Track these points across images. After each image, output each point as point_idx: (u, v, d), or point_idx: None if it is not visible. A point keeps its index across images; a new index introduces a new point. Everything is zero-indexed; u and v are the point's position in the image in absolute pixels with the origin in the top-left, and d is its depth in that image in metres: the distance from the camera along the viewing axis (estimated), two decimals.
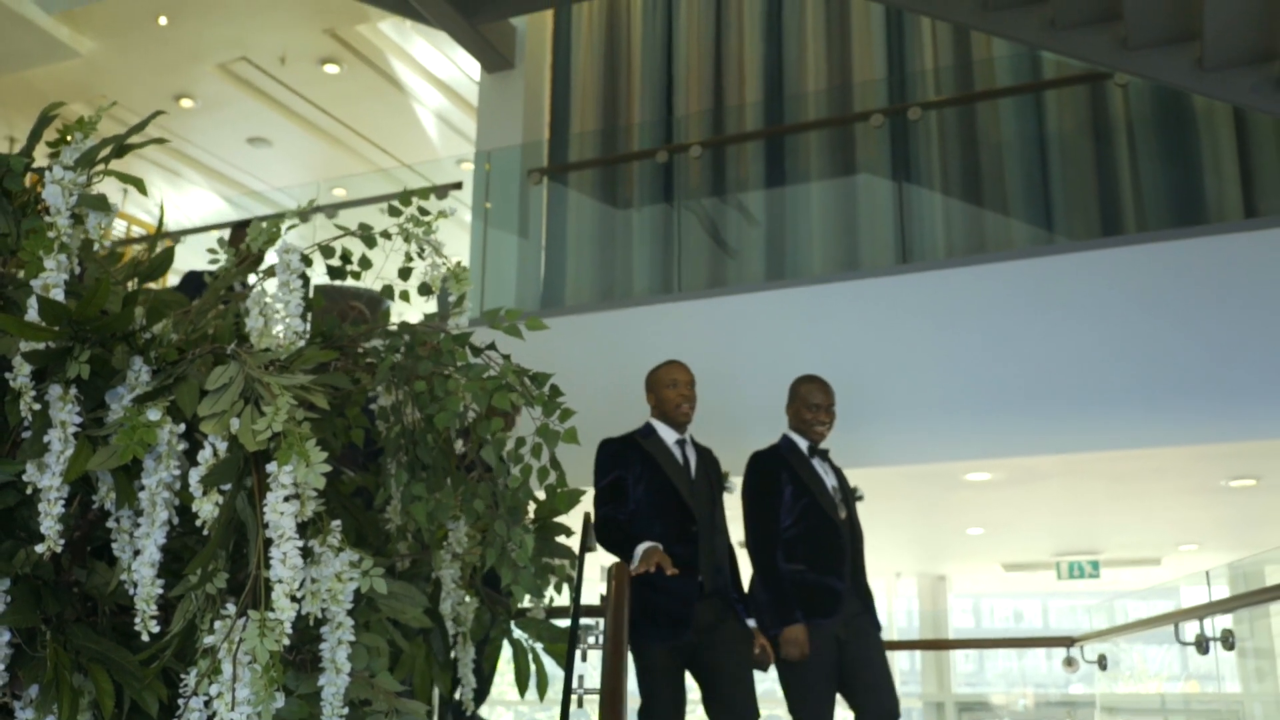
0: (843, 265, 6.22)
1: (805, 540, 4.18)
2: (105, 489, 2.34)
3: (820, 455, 4.36)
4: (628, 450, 4.13)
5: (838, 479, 4.38)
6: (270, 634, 2.07)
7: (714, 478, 4.23)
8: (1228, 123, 5.75)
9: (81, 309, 2.24)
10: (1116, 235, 5.86)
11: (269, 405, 2.18)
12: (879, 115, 6.17)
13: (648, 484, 4.05)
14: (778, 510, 4.23)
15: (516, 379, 2.74)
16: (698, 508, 4.07)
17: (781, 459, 4.32)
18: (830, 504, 4.23)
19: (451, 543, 3.02)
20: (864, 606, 4.23)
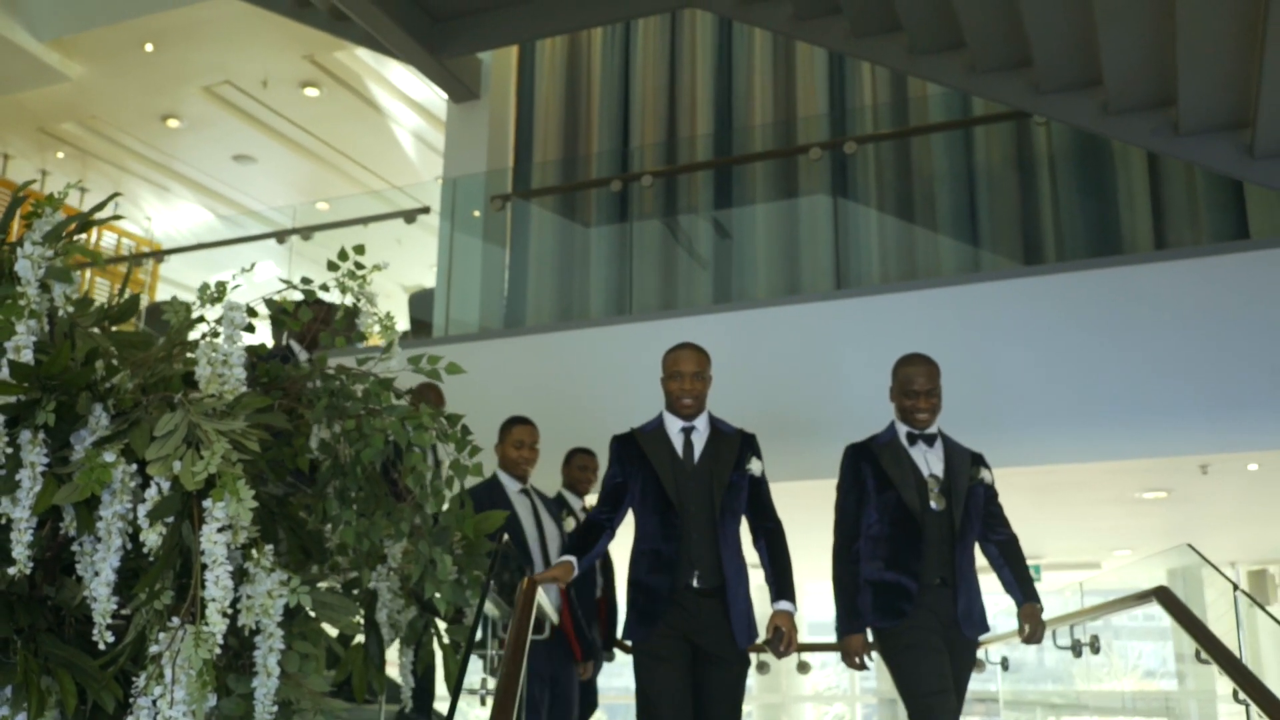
0: (785, 290, 6.61)
1: (886, 537, 3.92)
2: (69, 518, 2.72)
3: (926, 441, 4.05)
4: (626, 447, 4.00)
5: (949, 466, 4.02)
6: (204, 644, 2.45)
7: (725, 464, 3.92)
8: (1141, 160, 6.13)
9: (48, 367, 2.62)
10: (1038, 264, 6.24)
11: (207, 449, 2.56)
12: (817, 149, 6.56)
13: (641, 480, 3.93)
14: (852, 506, 4.01)
15: (432, 420, 3.13)
16: (689, 501, 3.86)
17: (867, 450, 4.06)
18: (915, 497, 3.92)
19: (389, 558, 3.40)
20: (960, 612, 3.90)
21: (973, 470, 4.06)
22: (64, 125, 10.52)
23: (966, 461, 4.07)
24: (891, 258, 6.50)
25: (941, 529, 3.94)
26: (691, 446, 3.95)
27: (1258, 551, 9.02)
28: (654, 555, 3.84)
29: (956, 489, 3.98)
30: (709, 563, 3.82)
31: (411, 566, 3.40)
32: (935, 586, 3.89)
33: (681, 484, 3.89)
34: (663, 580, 3.80)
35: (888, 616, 3.86)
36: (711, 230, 6.94)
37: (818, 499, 4.94)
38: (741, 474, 3.93)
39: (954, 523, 3.93)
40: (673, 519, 3.85)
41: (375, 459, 3.13)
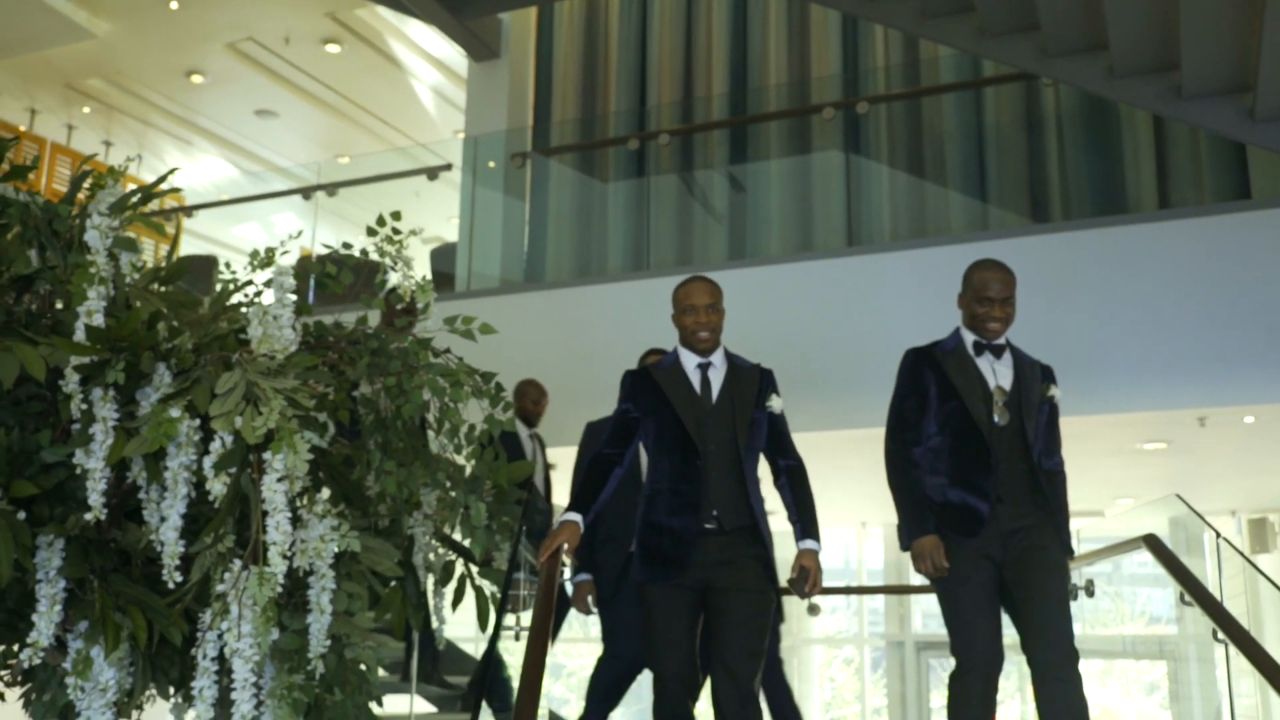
0: (798, 246, 6.80)
1: (949, 450, 3.69)
2: (137, 469, 2.96)
3: (993, 351, 3.77)
4: (640, 382, 3.81)
5: (1018, 378, 3.75)
6: (267, 583, 2.70)
7: (745, 401, 3.75)
8: (1146, 121, 6.28)
9: (118, 330, 2.85)
10: (1045, 222, 6.42)
11: (265, 406, 2.79)
12: (830, 109, 6.72)
13: (657, 418, 3.74)
14: (911, 411, 3.77)
15: (467, 377, 3.36)
16: (709, 440, 3.68)
17: (931, 356, 3.81)
18: (982, 409, 3.67)
19: (424, 506, 3.64)
20: (1034, 523, 3.64)
21: (1043, 386, 3.78)
22: (90, 81, 10.70)
23: (1037, 375, 3.79)
24: (902, 215, 6.68)
25: (1008, 444, 3.66)
26: (709, 383, 3.76)
27: (1257, 500, 9.25)
28: (673, 494, 3.66)
29: (1027, 402, 3.70)
30: (733, 502, 3.64)
31: (446, 513, 3.65)
32: (995, 504, 3.62)
33: (702, 422, 3.70)
34: (688, 521, 3.62)
35: (951, 532, 3.63)
36: (727, 186, 7.12)
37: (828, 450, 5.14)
38: (762, 410, 3.75)
39: (1025, 437, 3.66)
40: (693, 458, 3.66)
41: (414, 414, 3.37)
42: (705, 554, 3.61)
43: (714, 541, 3.63)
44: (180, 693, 3.31)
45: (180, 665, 3.20)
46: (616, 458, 3.76)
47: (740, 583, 3.60)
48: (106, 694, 2.98)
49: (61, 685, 3.19)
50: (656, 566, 3.63)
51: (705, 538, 3.63)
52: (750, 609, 3.58)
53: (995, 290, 3.73)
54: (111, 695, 2.99)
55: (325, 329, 3.54)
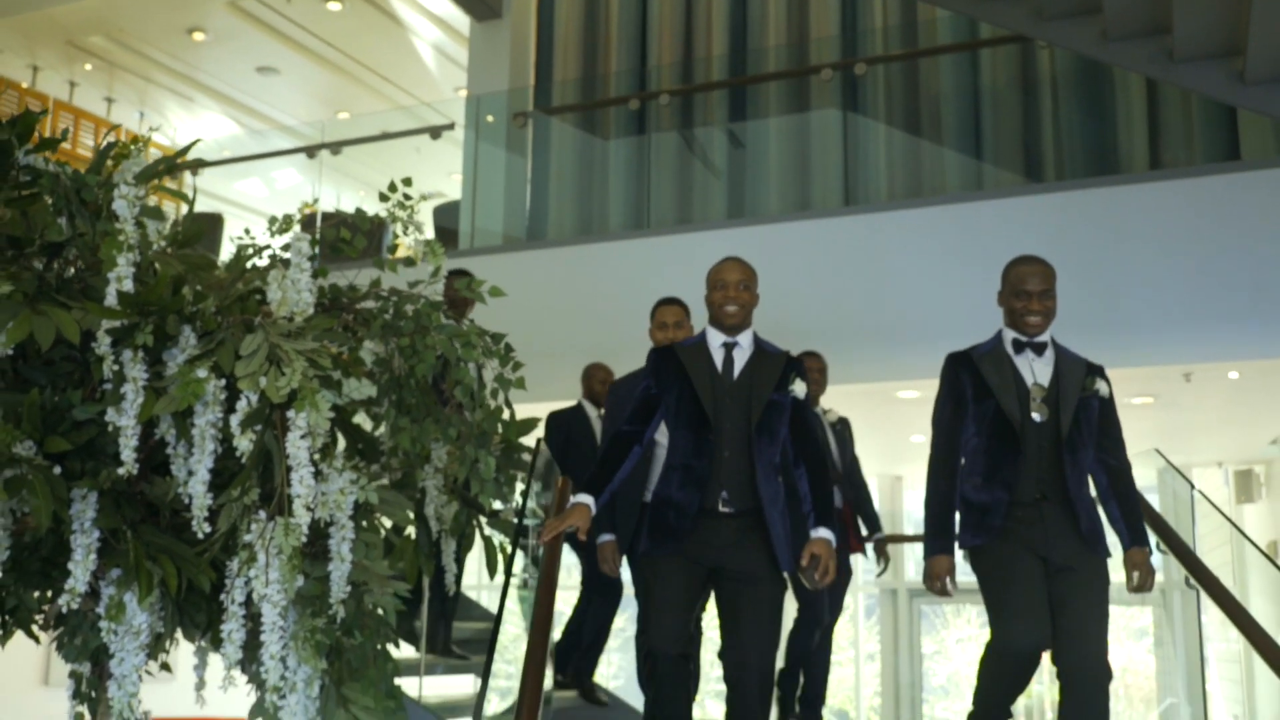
0: (796, 205, 6.93)
1: (985, 450, 3.67)
2: (165, 426, 3.11)
3: (1035, 349, 3.72)
4: (664, 359, 3.80)
5: (1058, 374, 3.70)
6: (292, 533, 2.87)
7: (766, 383, 3.70)
8: (1139, 83, 6.38)
9: (146, 294, 3.00)
10: (1039, 182, 6.55)
11: (288, 366, 2.95)
12: (829, 70, 6.82)
13: (677, 393, 3.70)
14: (948, 418, 3.76)
15: (478, 338, 3.51)
16: (724, 418, 3.65)
17: (967, 359, 3.78)
18: (1015, 406, 3.63)
19: (434, 460, 3.80)
20: (1077, 529, 3.60)
21: (1087, 380, 3.71)
22: (92, 38, 10.76)
23: (1080, 371, 3.73)
24: (899, 175, 6.80)
25: (1044, 441, 3.62)
26: (732, 362, 3.73)
27: (1243, 453, 9.45)
28: (685, 470, 3.63)
29: (1065, 399, 3.64)
30: (741, 483, 3.60)
31: (457, 467, 3.81)
32: (1035, 502, 3.60)
33: (718, 398, 3.67)
34: (692, 497, 3.60)
35: (979, 534, 3.62)
36: (726, 143, 7.24)
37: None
38: (784, 394, 3.70)
39: (1060, 434, 3.61)
40: (707, 435, 3.63)
41: (427, 373, 3.52)
42: (717, 535, 3.58)
43: (726, 524, 3.59)
44: (206, 636, 3.49)
45: (207, 611, 3.38)
46: (636, 435, 3.72)
47: (751, 571, 3.56)
48: (139, 637, 3.16)
49: (93, 629, 3.38)
50: (659, 537, 3.61)
51: (717, 519, 3.59)
52: (759, 598, 3.54)
53: (1034, 284, 3.69)
54: (144, 638, 3.17)
55: (340, 291, 3.69)
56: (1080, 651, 3.47)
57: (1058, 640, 3.52)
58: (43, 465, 3.00)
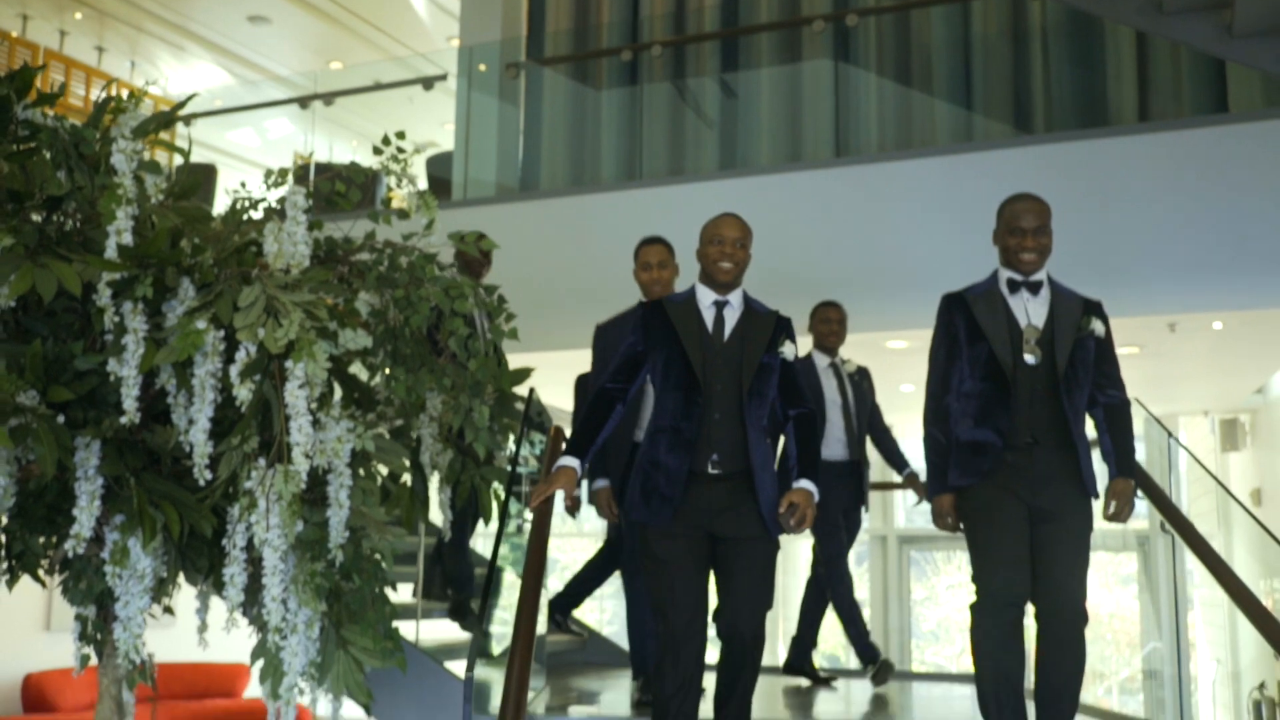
0: (787, 156, 6.97)
1: (977, 393, 3.65)
2: (166, 376, 3.19)
3: (1030, 289, 3.70)
4: (652, 316, 3.68)
5: (1053, 315, 3.67)
6: (291, 480, 2.95)
7: (757, 344, 3.62)
8: (1129, 34, 6.39)
9: (145, 248, 3.06)
10: (1028, 134, 6.58)
11: (285, 318, 3.02)
12: (820, 21, 6.84)
13: (666, 353, 3.61)
14: (942, 360, 3.75)
15: (471, 289, 3.58)
16: (716, 379, 3.57)
17: (961, 301, 3.75)
18: (1007, 349, 3.61)
19: (429, 409, 3.88)
20: (1070, 471, 3.60)
21: (1083, 320, 3.68)
22: None
23: (1076, 310, 3.70)
24: (889, 125, 6.83)
25: (1038, 384, 3.60)
26: (723, 321, 3.65)
27: (1228, 401, 9.57)
28: (673, 433, 3.55)
29: (1060, 339, 3.61)
30: (732, 446, 3.54)
31: (451, 416, 3.90)
32: (1027, 446, 3.58)
33: (709, 360, 3.59)
34: (681, 460, 3.52)
35: (968, 474, 3.63)
36: (718, 93, 7.26)
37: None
38: (774, 356, 3.63)
39: (1056, 376, 3.58)
40: (696, 397, 3.55)
41: (421, 324, 3.60)
42: (709, 500, 3.52)
43: (717, 487, 3.53)
44: (208, 580, 3.59)
45: (209, 555, 3.48)
46: (619, 393, 3.64)
47: (743, 532, 3.52)
48: (143, 580, 3.25)
49: (98, 574, 3.47)
50: (654, 505, 3.53)
51: (708, 482, 3.53)
52: (750, 559, 3.52)
53: (1028, 221, 3.65)
54: (148, 582, 3.27)
55: (335, 244, 3.75)
56: (1058, 597, 3.50)
57: (1037, 584, 3.55)
58: (46, 414, 3.07)
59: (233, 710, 10.70)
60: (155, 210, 3.43)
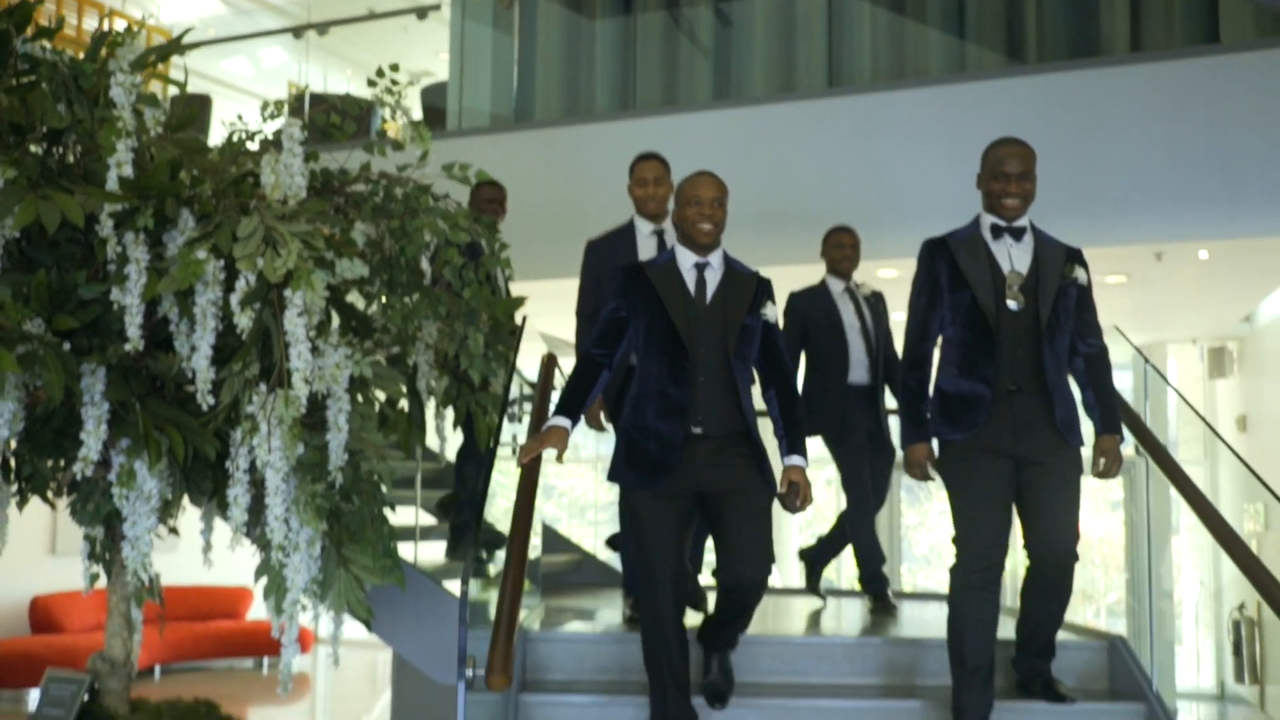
0: (780, 87, 7.00)
1: (960, 340, 3.63)
2: (168, 304, 3.28)
3: (1013, 234, 3.64)
4: (633, 280, 3.63)
5: (1037, 261, 3.62)
6: (292, 405, 3.06)
7: (739, 306, 3.60)
8: None
9: (145, 180, 3.14)
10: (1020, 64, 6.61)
11: (283, 248, 3.10)
12: None
13: (648, 318, 3.57)
14: (922, 307, 3.70)
15: (466, 220, 3.66)
16: (700, 342, 3.54)
17: (943, 247, 3.69)
18: (990, 296, 3.58)
19: (424, 336, 3.98)
20: (1052, 419, 3.57)
21: (1065, 268, 3.63)
22: None
23: (1060, 257, 3.65)
24: (883, 55, 6.85)
25: (1020, 330, 3.57)
26: (704, 284, 3.61)
27: (1216, 329, 9.67)
28: (661, 398, 3.52)
29: (1044, 286, 3.57)
30: (722, 408, 3.53)
31: (447, 343, 4.00)
32: (1007, 395, 3.55)
33: (693, 324, 3.55)
34: (675, 425, 3.50)
35: (959, 428, 3.58)
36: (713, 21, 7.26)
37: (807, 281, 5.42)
38: (755, 318, 3.61)
39: (1039, 323, 3.56)
40: (682, 361, 3.52)
41: (416, 254, 3.68)
42: (694, 458, 3.50)
43: (702, 446, 3.51)
44: (212, 502, 3.71)
45: (212, 478, 3.60)
46: (605, 359, 3.60)
47: (736, 484, 3.51)
48: (150, 502, 3.38)
49: (105, 496, 3.59)
50: (643, 472, 3.52)
51: (692, 443, 3.51)
52: (750, 510, 3.50)
53: (1012, 166, 3.59)
54: (155, 503, 3.39)
55: (331, 175, 3.82)
56: (1049, 541, 3.53)
57: (1028, 529, 3.57)
58: (53, 341, 3.17)
59: (235, 631, 10.96)
60: (154, 143, 3.50)
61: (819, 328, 5.08)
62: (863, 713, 3.79)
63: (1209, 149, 5.90)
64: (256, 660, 11.08)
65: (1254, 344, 9.85)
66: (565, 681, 3.99)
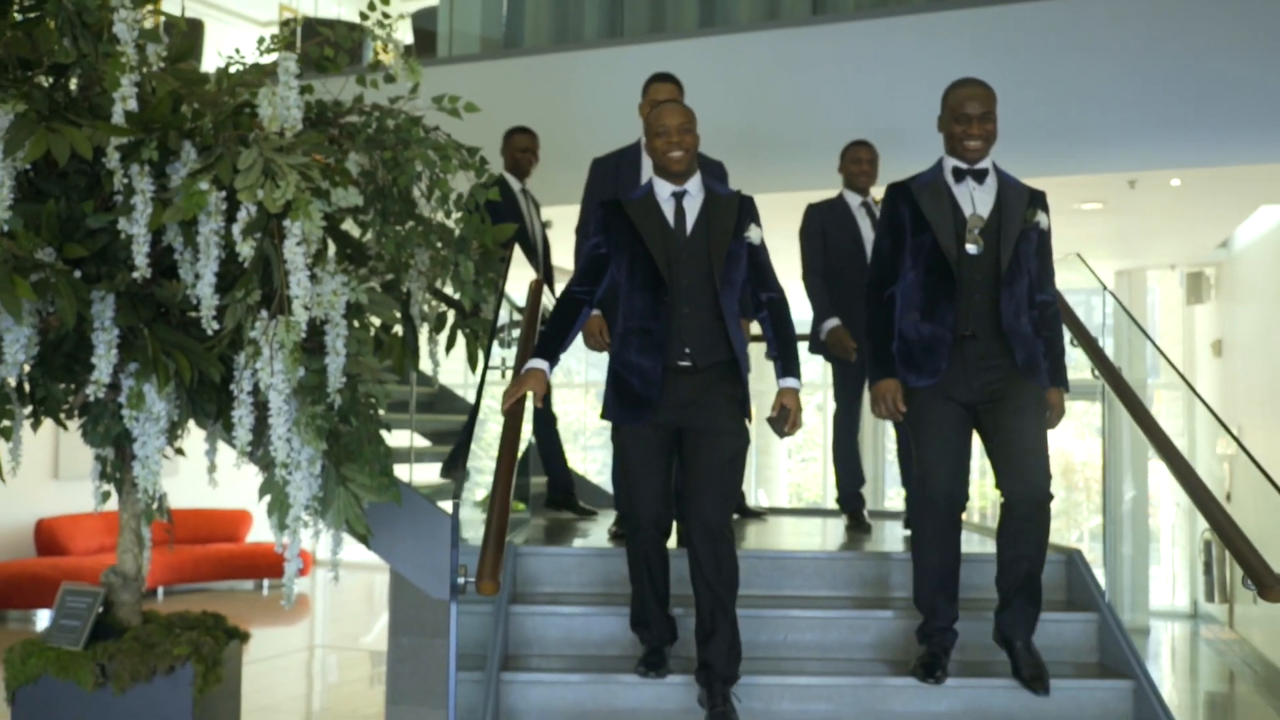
0: (765, 14, 7.10)
1: (922, 285, 3.62)
2: (172, 234, 3.43)
3: (975, 177, 3.63)
4: (612, 216, 3.63)
5: (1000, 205, 3.62)
6: (292, 330, 3.23)
7: (723, 232, 3.58)
8: None
9: (149, 114, 3.27)
10: None
11: (282, 179, 3.25)
12: None
13: (630, 254, 3.57)
14: (886, 249, 3.70)
15: (455, 151, 3.81)
16: (681, 275, 3.53)
17: (906, 191, 3.68)
18: (951, 240, 3.58)
19: (417, 264, 4.14)
20: (1011, 361, 3.58)
21: (1028, 212, 3.63)
22: None
23: (1023, 201, 3.64)
24: None
25: (979, 274, 3.58)
26: (684, 214, 3.59)
27: (1193, 255, 9.83)
28: (643, 334, 3.54)
29: (1006, 230, 3.58)
30: (708, 338, 3.53)
31: (438, 270, 4.16)
32: (965, 339, 3.58)
33: (673, 256, 3.54)
34: (655, 361, 3.53)
35: (924, 374, 3.60)
36: None
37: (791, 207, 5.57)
38: (740, 242, 3.59)
39: (1000, 267, 3.57)
40: (663, 295, 3.52)
41: (408, 184, 3.83)
42: (677, 394, 3.53)
43: (686, 381, 3.53)
44: (218, 424, 3.89)
45: (216, 400, 3.77)
46: (586, 296, 3.64)
47: (713, 425, 3.52)
48: (159, 422, 3.56)
49: (114, 418, 3.77)
50: (628, 407, 3.56)
51: (677, 376, 3.53)
52: (723, 453, 3.50)
53: (973, 108, 3.55)
54: (163, 424, 3.57)
55: (325, 106, 3.95)
56: (1022, 478, 3.52)
57: (999, 470, 3.57)
58: (64, 270, 3.33)
59: (235, 554, 11.23)
60: (155, 76, 3.62)
61: (836, 242, 5.10)
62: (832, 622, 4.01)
63: (1180, 77, 6.03)
64: (256, 582, 11.36)
65: (1230, 270, 10.04)
66: (553, 594, 4.21)
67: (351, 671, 8.30)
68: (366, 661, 8.41)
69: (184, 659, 3.93)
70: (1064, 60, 6.16)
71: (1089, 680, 3.76)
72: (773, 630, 3.97)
